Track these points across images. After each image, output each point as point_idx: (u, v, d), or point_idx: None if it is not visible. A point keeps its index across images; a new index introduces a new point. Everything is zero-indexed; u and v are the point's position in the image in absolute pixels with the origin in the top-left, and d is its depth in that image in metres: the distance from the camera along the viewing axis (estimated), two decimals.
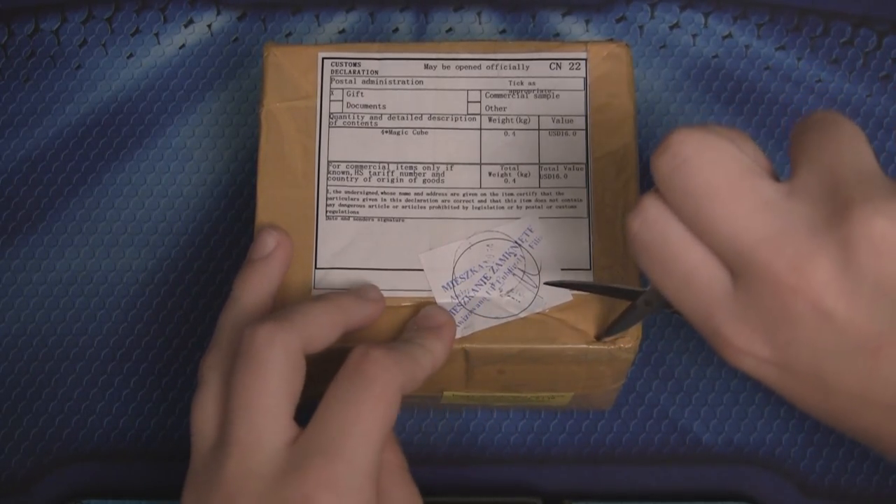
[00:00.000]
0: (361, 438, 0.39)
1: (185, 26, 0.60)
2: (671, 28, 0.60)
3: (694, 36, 0.59)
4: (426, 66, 0.49)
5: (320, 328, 0.42)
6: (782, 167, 0.57)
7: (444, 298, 0.46)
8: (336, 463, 0.39)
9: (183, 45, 0.60)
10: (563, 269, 0.46)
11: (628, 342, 0.45)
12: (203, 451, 0.42)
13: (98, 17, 0.60)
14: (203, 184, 0.58)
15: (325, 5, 0.60)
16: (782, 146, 0.58)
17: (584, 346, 0.45)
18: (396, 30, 0.60)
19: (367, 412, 0.40)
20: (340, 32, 0.60)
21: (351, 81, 0.49)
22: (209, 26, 0.60)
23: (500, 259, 0.46)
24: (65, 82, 0.59)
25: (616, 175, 0.47)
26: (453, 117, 0.48)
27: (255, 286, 0.45)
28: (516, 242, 0.46)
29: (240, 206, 0.57)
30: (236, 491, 0.40)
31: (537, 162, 0.48)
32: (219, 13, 0.60)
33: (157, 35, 0.60)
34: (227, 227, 0.57)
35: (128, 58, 0.60)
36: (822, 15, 0.60)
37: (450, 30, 0.60)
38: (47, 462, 0.54)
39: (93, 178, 0.58)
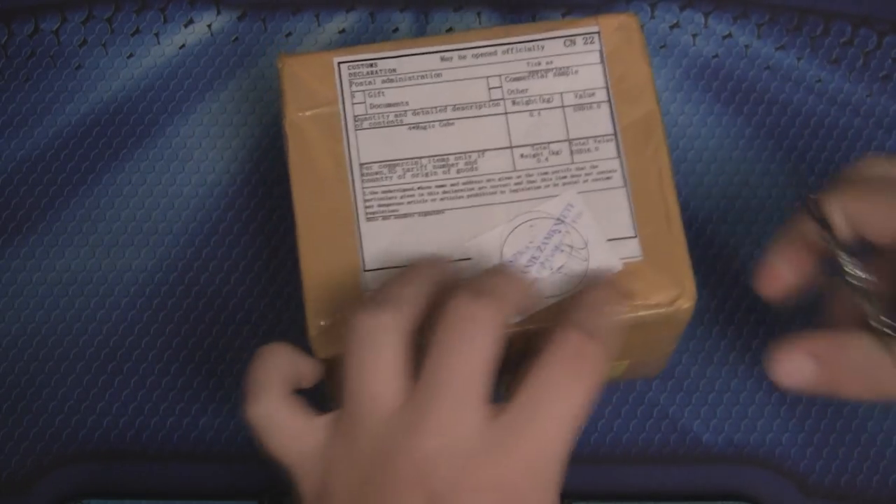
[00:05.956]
0: (561, 423, 0.39)
1: (185, 26, 0.60)
2: (671, 28, 0.60)
3: (694, 36, 0.59)
4: (442, 59, 0.49)
5: (519, 301, 0.42)
6: (782, 167, 0.57)
7: None
8: (531, 444, 0.39)
9: (183, 45, 0.60)
10: (609, 240, 0.46)
11: (686, 302, 0.45)
12: (379, 416, 0.40)
13: (98, 17, 0.60)
14: (203, 184, 0.58)
15: (325, 5, 0.60)
16: (782, 146, 0.58)
17: (642, 312, 0.45)
18: (396, 30, 0.60)
19: (575, 399, 0.39)
20: (340, 32, 0.60)
21: (370, 82, 0.49)
22: (209, 26, 0.60)
23: (546, 238, 0.46)
24: (65, 82, 0.59)
25: (645, 142, 0.47)
26: (477, 105, 0.48)
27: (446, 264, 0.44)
28: (559, 219, 0.46)
29: (240, 206, 0.57)
30: (431, 468, 0.39)
31: (566, 138, 0.48)
32: (219, 13, 0.60)
33: (157, 35, 0.60)
34: (227, 227, 0.57)
35: (128, 58, 0.60)
36: (822, 15, 0.60)
37: (449, 30, 0.60)
38: (47, 462, 0.54)
39: (93, 178, 0.58)
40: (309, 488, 0.41)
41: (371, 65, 0.49)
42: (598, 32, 0.49)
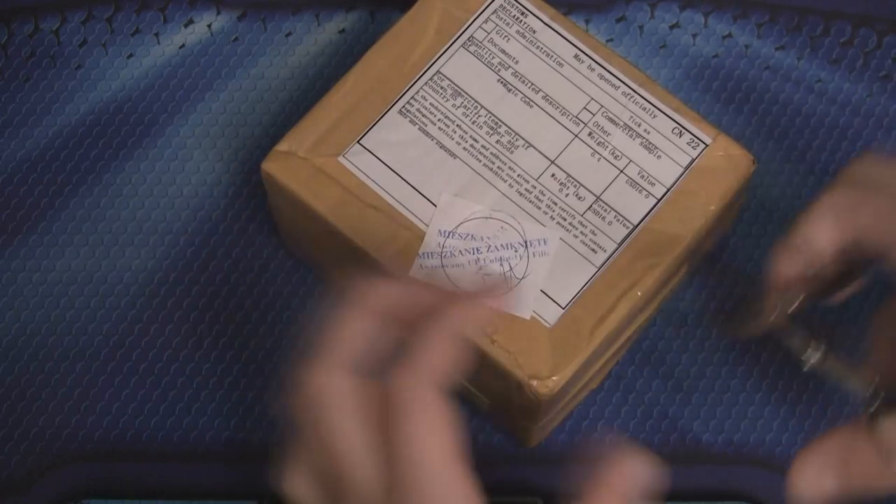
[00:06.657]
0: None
1: (185, 26, 0.60)
2: (671, 28, 0.60)
3: (694, 36, 0.59)
4: (576, 56, 0.50)
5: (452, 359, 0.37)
6: (782, 167, 0.57)
7: (433, 240, 0.46)
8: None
9: (183, 45, 0.60)
10: (541, 291, 0.46)
11: (540, 387, 0.45)
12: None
13: (98, 17, 0.60)
14: (203, 184, 0.58)
15: (325, 5, 0.60)
16: (782, 146, 0.58)
17: (497, 353, 0.45)
18: None
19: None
20: (340, 32, 0.60)
21: (508, 25, 0.50)
22: (209, 26, 0.60)
23: (502, 246, 0.46)
24: (65, 82, 0.59)
25: (647, 256, 0.47)
26: (562, 110, 0.49)
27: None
28: (525, 243, 0.47)
29: (240, 206, 0.57)
30: None
31: (597, 195, 0.48)
32: (219, 13, 0.60)
33: (157, 35, 0.60)
34: (227, 227, 0.57)
35: (128, 58, 0.60)
36: (822, 15, 0.60)
37: None
38: (47, 462, 0.54)
39: (93, 178, 0.58)
40: None
41: (522, 13, 0.50)
42: (707, 145, 0.48)
